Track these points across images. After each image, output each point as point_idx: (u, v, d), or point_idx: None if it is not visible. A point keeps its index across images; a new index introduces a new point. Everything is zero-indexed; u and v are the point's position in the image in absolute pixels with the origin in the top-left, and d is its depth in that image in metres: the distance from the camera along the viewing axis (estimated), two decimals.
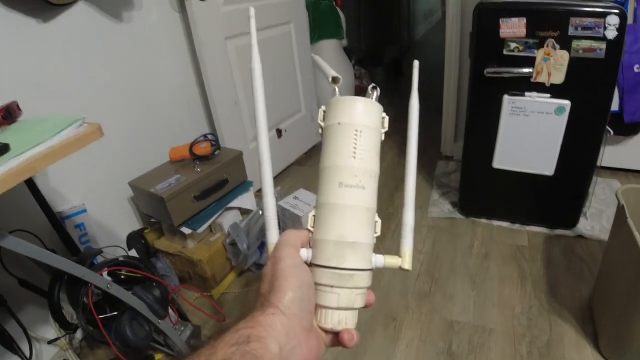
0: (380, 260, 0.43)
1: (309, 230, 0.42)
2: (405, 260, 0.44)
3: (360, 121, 0.41)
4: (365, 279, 0.41)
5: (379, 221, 0.43)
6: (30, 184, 1.22)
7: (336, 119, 0.42)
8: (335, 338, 0.41)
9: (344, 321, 0.40)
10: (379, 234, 0.43)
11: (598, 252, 1.70)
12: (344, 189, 0.40)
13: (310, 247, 0.42)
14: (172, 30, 1.86)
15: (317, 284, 0.40)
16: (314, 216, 0.43)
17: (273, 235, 0.44)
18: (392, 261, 0.44)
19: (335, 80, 0.45)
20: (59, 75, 1.42)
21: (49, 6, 1.33)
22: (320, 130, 0.44)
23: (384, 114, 0.44)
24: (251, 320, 0.36)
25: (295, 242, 0.41)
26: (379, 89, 0.44)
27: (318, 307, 0.40)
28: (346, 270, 0.40)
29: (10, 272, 1.23)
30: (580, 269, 1.64)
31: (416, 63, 0.48)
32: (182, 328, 1.41)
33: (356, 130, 0.41)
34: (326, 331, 0.41)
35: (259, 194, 1.98)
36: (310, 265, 0.41)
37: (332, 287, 0.40)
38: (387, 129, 0.44)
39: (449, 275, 1.68)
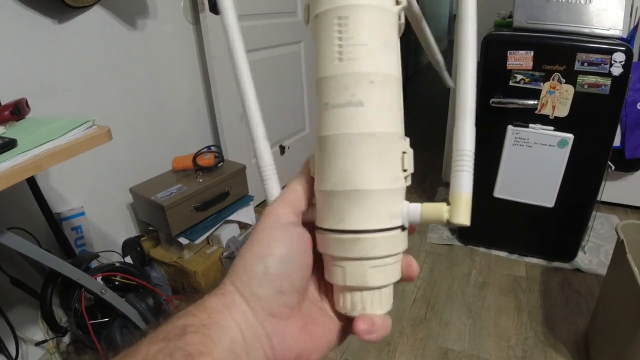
0: (415, 211, 0.29)
1: (309, 178, 0.31)
2: (460, 209, 0.28)
3: (343, 1, 0.27)
4: (381, 244, 0.28)
5: (409, 151, 0.29)
6: (31, 182, 1.21)
7: (315, 10, 0.29)
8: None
9: (359, 304, 0.29)
10: (410, 170, 0.29)
11: (595, 286, 1.69)
12: (332, 112, 0.28)
13: None
14: (185, 41, 1.88)
15: (323, 254, 0.30)
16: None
17: (273, 188, 0.32)
18: (435, 211, 0.29)
19: None
20: (68, 76, 1.43)
21: (66, 7, 1.35)
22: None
23: None
24: (198, 304, 0.27)
25: (296, 198, 0.30)
26: None
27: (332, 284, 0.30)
28: (345, 234, 0.28)
29: (2, 269, 1.21)
30: (576, 302, 1.63)
31: None
32: None
33: (338, 18, 0.27)
34: (347, 317, 0.30)
35: (259, 208, 1.98)
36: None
37: (335, 258, 0.29)
38: (404, 3, 0.29)
39: (445, 302, 1.67)
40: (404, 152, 0.29)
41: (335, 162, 0.28)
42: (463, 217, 0.28)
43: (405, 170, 0.29)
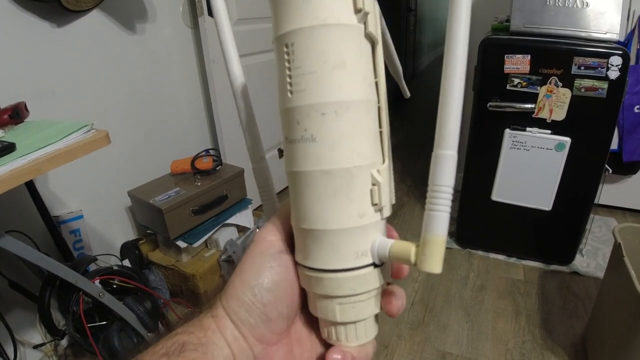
0: (383, 249, 0.27)
1: None
2: (432, 254, 0.24)
3: (285, 26, 0.24)
4: (344, 284, 0.27)
5: (382, 182, 0.26)
6: (30, 185, 1.22)
7: (272, 37, 0.26)
8: None
9: (333, 335, 0.29)
10: (384, 203, 0.27)
11: (593, 289, 1.69)
12: (289, 148, 0.26)
13: None
14: (183, 45, 1.89)
15: None
16: None
17: (271, 211, 0.33)
18: (402, 249, 0.26)
19: None
20: (67, 80, 1.43)
21: (65, 11, 1.35)
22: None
23: None
24: (195, 321, 0.28)
25: (286, 225, 0.30)
26: None
27: None
28: (311, 271, 0.27)
29: (1, 272, 1.21)
30: (574, 305, 1.63)
31: None
32: None
33: (285, 46, 0.25)
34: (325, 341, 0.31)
35: (257, 211, 1.98)
36: None
37: (310, 291, 0.29)
38: (365, 9, 0.24)
39: (443, 306, 1.67)
40: (373, 184, 0.26)
41: (297, 198, 0.27)
42: (435, 264, 0.24)
43: (375, 204, 0.26)
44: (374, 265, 0.27)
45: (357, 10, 0.24)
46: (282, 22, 0.24)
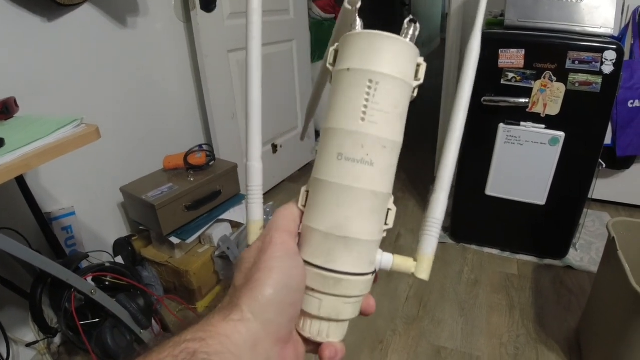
0: (388, 261, 0.33)
1: (300, 210, 0.33)
2: (423, 267, 0.34)
3: (378, 67, 0.30)
4: (358, 286, 0.32)
5: (393, 209, 0.32)
6: (21, 181, 1.20)
7: (347, 62, 0.31)
8: (316, 346, 0.33)
9: (325, 332, 0.32)
10: (390, 225, 0.33)
11: (586, 283, 1.70)
12: (344, 163, 0.30)
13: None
14: (176, 40, 1.87)
15: None
16: (307, 192, 0.33)
17: (256, 211, 0.34)
18: (404, 264, 0.34)
19: (352, 1, 0.32)
20: (58, 75, 1.41)
21: (55, 5, 1.33)
22: (329, 78, 0.33)
23: (421, 59, 0.32)
24: (205, 326, 0.26)
25: (291, 224, 0.32)
26: (418, 24, 0.32)
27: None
28: (332, 273, 0.31)
29: None
30: (568, 299, 1.64)
31: None
32: None
33: (370, 81, 0.30)
34: (304, 338, 0.33)
35: None
36: None
37: (313, 289, 0.31)
38: (421, 80, 0.32)
39: (437, 301, 1.67)
40: (389, 209, 0.32)
41: (336, 207, 0.30)
42: (424, 274, 0.34)
43: (386, 224, 0.32)
44: (373, 273, 0.33)
45: (417, 79, 0.32)
46: (372, 61, 0.30)
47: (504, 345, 1.45)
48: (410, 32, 0.32)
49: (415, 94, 0.32)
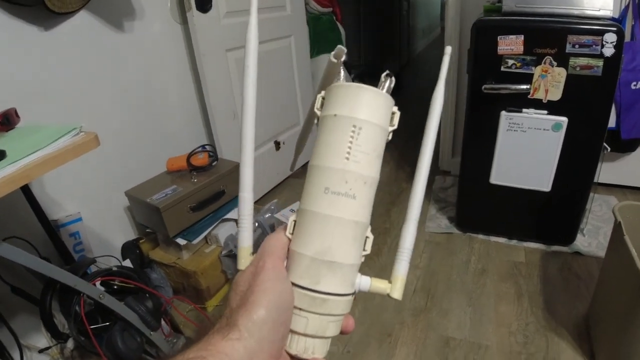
0: (366, 283, 0.37)
1: (288, 237, 0.37)
2: (396, 287, 0.38)
3: (361, 115, 0.35)
4: (341, 305, 0.35)
5: (371, 237, 0.37)
6: (26, 190, 1.21)
7: (333, 109, 0.35)
8: None
9: (310, 349, 0.35)
10: (368, 251, 0.37)
11: (595, 268, 1.69)
12: (330, 196, 0.34)
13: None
14: (173, 41, 1.87)
15: None
16: (294, 221, 0.37)
17: (245, 237, 0.38)
18: (380, 285, 0.38)
19: (337, 54, 0.37)
20: (58, 83, 1.42)
21: (51, 14, 1.33)
22: (316, 120, 0.38)
23: (395, 108, 0.37)
24: (206, 345, 0.29)
25: (280, 251, 0.35)
26: (393, 78, 0.37)
27: None
28: (318, 294, 0.34)
29: (3, 279, 1.22)
30: (576, 285, 1.63)
31: (448, 49, 0.42)
32: (175, 340, 1.40)
33: (354, 127, 0.34)
34: (291, 355, 0.36)
35: (256, 205, 1.97)
36: None
37: (300, 309, 0.35)
38: (395, 126, 0.37)
39: (445, 291, 1.67)
40: (367, 237, 0.37)
41: (323, 234, 0.34)
42: (397, 293, 0.38)
43: (365, 250, 0.37)
44: (354, 294, 0.37)
45: (392, 124, 0.37)
46: (356, 110, 0.35)
47: (513, 333, 1.45)
48: (387, 84, 0.37)
49: (390, 137, 0.37)
